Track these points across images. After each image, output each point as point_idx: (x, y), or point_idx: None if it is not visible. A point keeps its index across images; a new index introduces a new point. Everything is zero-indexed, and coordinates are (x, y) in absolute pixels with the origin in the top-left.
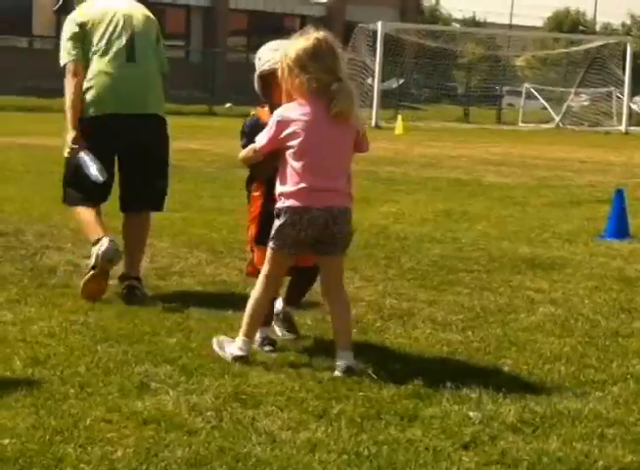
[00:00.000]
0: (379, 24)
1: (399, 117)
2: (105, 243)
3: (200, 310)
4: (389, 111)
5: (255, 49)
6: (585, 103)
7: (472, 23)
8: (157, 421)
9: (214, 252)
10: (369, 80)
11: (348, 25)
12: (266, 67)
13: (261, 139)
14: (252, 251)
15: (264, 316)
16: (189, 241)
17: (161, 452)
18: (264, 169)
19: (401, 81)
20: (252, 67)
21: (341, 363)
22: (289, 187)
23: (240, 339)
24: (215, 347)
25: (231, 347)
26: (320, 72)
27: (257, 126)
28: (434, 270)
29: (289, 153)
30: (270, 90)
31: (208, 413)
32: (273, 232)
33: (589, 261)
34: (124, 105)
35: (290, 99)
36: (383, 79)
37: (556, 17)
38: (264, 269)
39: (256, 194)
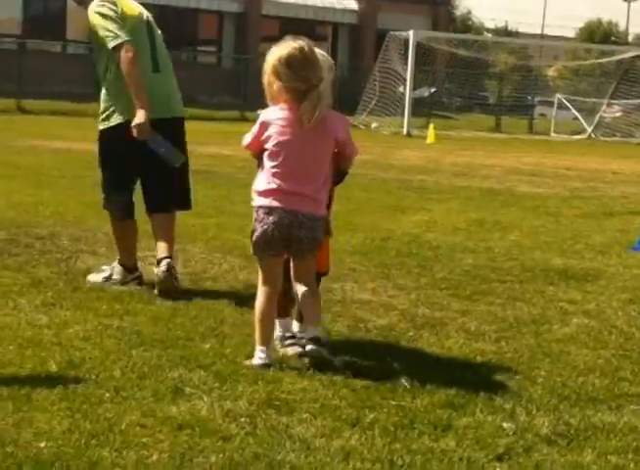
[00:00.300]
0: (411, 33)
1: (431, 125)
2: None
3: (233, 316)
4: (421, 119)
5: None
6: (618, 114)
7: (504, 32)
8: (191, 426)
9: (247, 257)
10: (401, 89)
11: (380, 33)
12: None
13: (247, 138)
14: None
15: (279, 308)
16: (222, 246)
17: (196, 458)
18: None
19: (433, 90)
20: None
21: (309, 340)
22: (260, 186)
23: (257, 349)
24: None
25: (254, 358)
26: (294, 81)
27: None
28: (467, 280)
29: (265, 154)
30: None
31: (242, 419)
32: (251, 231)
33: (622, 273)
34: (154, 111)
35: (275, 102)
36: (414, 88)
37: (588, 27)
38: (259, 277)
39: None
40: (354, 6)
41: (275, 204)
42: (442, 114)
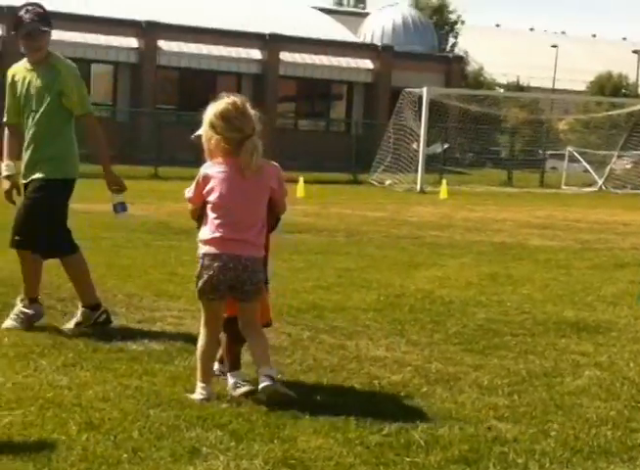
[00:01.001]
0: (424, 90)
1: (444, 181)
2: None
3: (248, 374)
4: (434, 175)
5: (305, 115)
6: (628, 166)
7: (515, 87)
8: None
9: None
10: (414, 145)
11: (394, 91)
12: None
13: (189, 193)
14: None
15: (231, 362)
16: None
17: None
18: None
19: (446, 146)
20: (301, 133)
21: (264, 377)
22: (205, 235)
23: (198, 385)
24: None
25: (195, 393)
26: (229, 132)
27: None
28: (480, 334)
29: (208, 206)
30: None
31: None
32: (195, 276)
33: (634, 325)
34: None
35: (212, 156)
36: (427, 144)
37: (598, 80)
38: (202, 318)
39: None
40: (369, 65)
41: (220, 251)
42: (455, 169)
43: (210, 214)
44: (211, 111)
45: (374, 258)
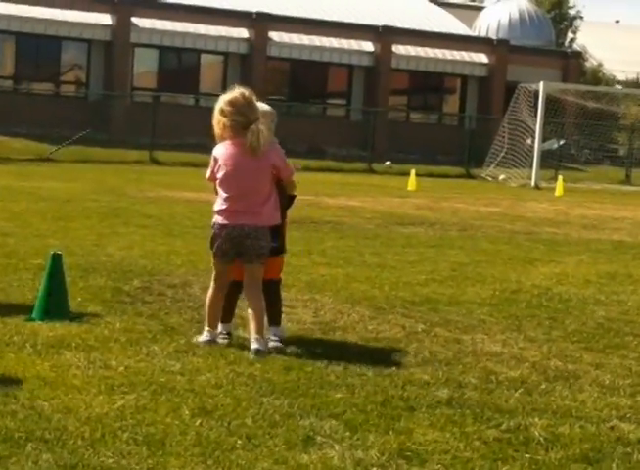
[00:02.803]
0: (540, 85)
1: (560, 177)
2: None
3: (362, 366)
4: (549, 171)
5: (417, 109)
6: None
7: (634, 84)
8: None
9: (376, 308)
10: (529, 141)
11: (509, 86)
12: None
13: (207, 172)
14: None
15: (224, 315)
16: (351, 297)
17: None
18: None
19: (562, 142)
20: (413, 126)
21: (253, 347)
22: (216, 207)
23: (205, 329)
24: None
25: (201, 336)
26: (236, 116)
27: None
28: (600, 333)
29: (217, 182)
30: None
31: (374, 469)
32: (209, 242)
33: None
34: None
35: (221, 139)
36: (543, 140)
37: None
38: (213, 274)
39: None
40: (484, 59)
41: (227, 221)
42: (571, 166)
43: (219, 189)
44: (222, 99)
45: (488, 252)
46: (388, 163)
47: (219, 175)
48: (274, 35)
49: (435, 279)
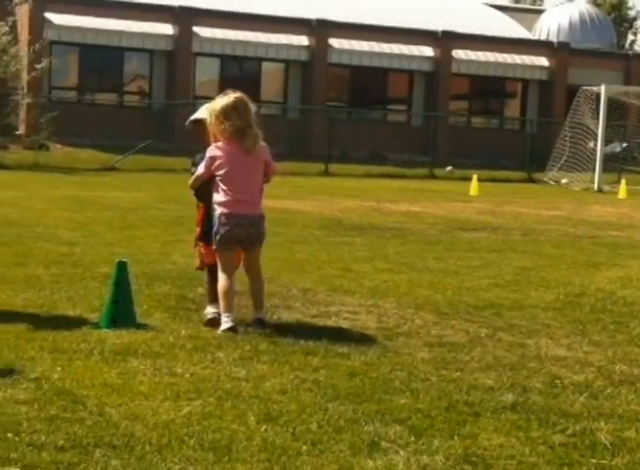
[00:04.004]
0: (602, 88)
1: (623, 180)
2: None
3: (426, 371)
4: (612, 175)
5: (478, 113)
6: None
7: None
8: None
9: (440, 313)
10: (591, 144)
11: (570, 89)
12: (195, 116)
13: (200, 170)
14: (200, 249)
15: (213, 297)
16: (414, 302)
17: None
18: (205, 190)
19: (625, 145)
20: (474, 131)
21: (258, 318)
22: (220, 199)
23: (224, 315)
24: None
25: (222, 325)
26: (236, 120)
27: (202, 160)
28: None
29: (218, 178)
30: (201, 134)
31: None
32: (213, 234)
33: None
34: None
35: (216, 140)
36: (605, 143)
37: None
38: (219, 266)
39: (201, 205)
40: (545, 62)
41: (234, 210)
42: (634, 169)
43: (222, 185)
44: (221, 103)
45: (551, 256)
46: (449, 168)
47: (220, 172)
48: (334, 42)
49: (499, 284)
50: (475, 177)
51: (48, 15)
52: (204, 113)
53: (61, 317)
